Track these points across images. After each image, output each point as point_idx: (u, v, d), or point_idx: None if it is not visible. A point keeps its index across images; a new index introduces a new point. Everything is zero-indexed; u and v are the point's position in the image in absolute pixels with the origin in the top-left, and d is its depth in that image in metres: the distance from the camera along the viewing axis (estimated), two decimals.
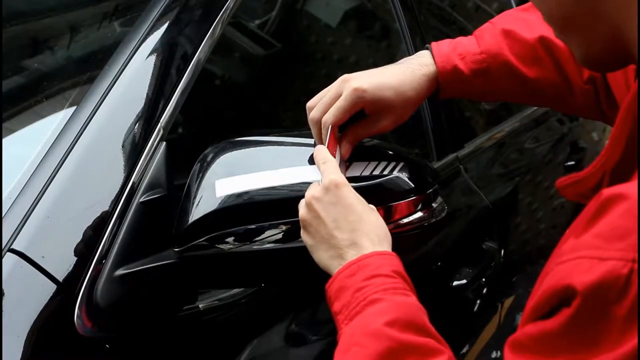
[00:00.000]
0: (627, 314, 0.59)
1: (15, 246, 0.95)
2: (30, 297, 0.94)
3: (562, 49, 1.10)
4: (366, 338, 0.82)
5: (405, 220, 1.06)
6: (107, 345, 1.00)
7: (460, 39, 1.14)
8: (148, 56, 1.18)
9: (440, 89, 1.11)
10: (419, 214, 1.08)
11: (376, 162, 1.06)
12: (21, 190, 1.00)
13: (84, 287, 0.97)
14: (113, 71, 1.14)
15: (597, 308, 0.60)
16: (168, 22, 1.24)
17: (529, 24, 1.12)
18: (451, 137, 1.82)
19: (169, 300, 1.08)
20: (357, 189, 1.03)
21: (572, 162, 2.50)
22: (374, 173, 1.05)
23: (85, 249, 0.99)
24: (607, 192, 0.63)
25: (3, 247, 0.94)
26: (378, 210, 0.99)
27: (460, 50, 1.11)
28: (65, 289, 0.96)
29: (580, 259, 0.62)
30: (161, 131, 1.11)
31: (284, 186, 1.03)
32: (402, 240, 1.08)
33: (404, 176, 1.06)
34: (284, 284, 1.22)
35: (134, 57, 1.17)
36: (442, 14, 2.28)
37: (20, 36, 1.64)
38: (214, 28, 1.27)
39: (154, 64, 1.18)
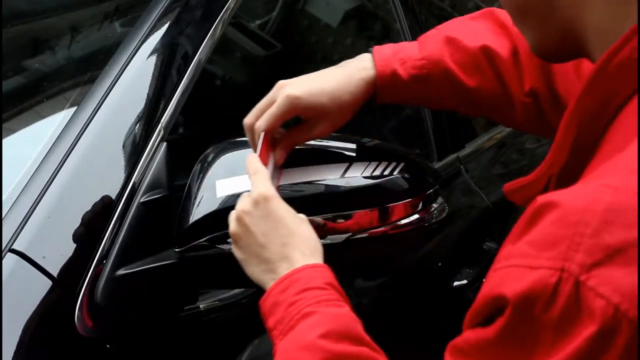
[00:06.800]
0: (556, 323, 0.59)
1: (15, 246, 0.95)
2: (30, 297, 0.94)
3: (504, 59, 1.07)
4: (300, 352, 0.81)
5: (406, 221, 1.06)
6: (108, 345, 1.00)
7: (404, 43, 1.12)
8: (149, 56, 1.18)
9: (378, 93, 1.07)
10: (420, 215, 1.08)
11: (377, 163, 1.05)
12: (22, 191, 1.00)
13: (84, 287, 0.97)
14: (114, 71, 1.14)
15: (528, 317, 0.60)
16: (169, 22, 1.24)
17: (475, 32, 1.09)
18: (452, 137, 1.81)
19: (169, 300, 1.08)
20: (357, 188, 1.04)
21: None
22: (375, 173, 1.05)
23: (86, 249, 0.99)
24: (541, 199, 0.62)
25: (4, 247, 0.94)
26: (372, 211, 0.97)
27: (401, 55, 1.07)
28: (66, 289, 0.96)
29: (512, 267, 0.62)
30: (162, 131, 1.11)
31: (283, 186, 1.03)
32: (402, 240, 1.08)
33: (405, 176, 1.05)
34: None
35: (135, 57, 1.17)
36: (442, 14, 2.28)
37: (20, 36, 1.64)
38: (214, 28, 1.27)
39: (155, 64, 1.18)
